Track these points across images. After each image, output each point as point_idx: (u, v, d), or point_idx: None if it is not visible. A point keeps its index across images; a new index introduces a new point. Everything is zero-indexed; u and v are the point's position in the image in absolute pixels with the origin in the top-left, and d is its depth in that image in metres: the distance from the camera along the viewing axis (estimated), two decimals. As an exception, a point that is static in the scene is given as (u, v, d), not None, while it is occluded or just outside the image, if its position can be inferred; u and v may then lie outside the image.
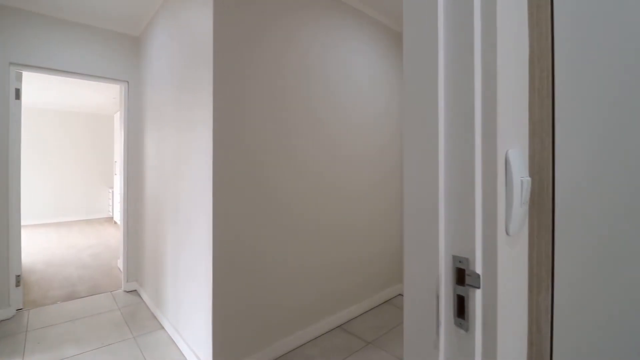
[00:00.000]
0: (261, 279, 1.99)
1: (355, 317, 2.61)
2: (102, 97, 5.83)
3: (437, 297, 0.45)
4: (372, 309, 2.77)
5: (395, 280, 3.06)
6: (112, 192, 6.96)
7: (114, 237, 5.48)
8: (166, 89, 2.44)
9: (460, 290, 0.44)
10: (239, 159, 1.88)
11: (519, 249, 0.51)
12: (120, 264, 3.47)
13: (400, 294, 3.08)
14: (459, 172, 0.44)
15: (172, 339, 2.26)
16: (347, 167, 2.57)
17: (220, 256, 1.80)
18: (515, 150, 0.47)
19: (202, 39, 1.86)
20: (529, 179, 0.49)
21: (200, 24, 1.88)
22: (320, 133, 2.35)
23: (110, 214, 7.37)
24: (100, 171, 7.47)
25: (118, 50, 3.09)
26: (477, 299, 0.42)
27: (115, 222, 6.78)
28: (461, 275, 0.44)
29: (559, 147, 0.52)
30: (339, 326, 2.46)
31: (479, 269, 0.42)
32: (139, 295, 3.02)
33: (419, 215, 0.48)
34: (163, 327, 2.42)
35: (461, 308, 0.44)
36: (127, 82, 3.14)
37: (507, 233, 0.46)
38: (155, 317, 2.59)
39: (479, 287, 0.42)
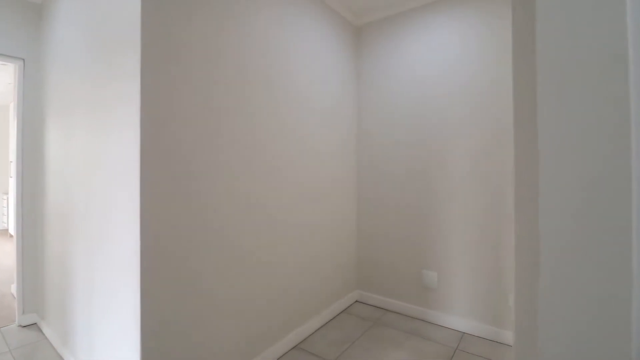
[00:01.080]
0: (203, 304, 1.64)
1: (314, 332, 2.37)
2: (-8, 81, 4.72)
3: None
4: (330, 320, 2.56)
5: (351, 286, 2.90)
6: (8, 198, 5.72)
7: (8, 255, 4.45)
8: (77, 69, 1.93)
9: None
10: (173, 158, 1.51)
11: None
12: (14, 290, 2.74)
13: (357, 301, 2.93)
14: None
15: (86, 386, 1.77)
16: (303, 168, 2.33)
17: (151, 279, 1.42)
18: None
19: (126, 3, 1.46)
20: None
21: (124, -16, 1.48)
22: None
23: (5, 225, 6.06)
24: (-9, 173, 6.10)
25: (10, 19, 2.42)
26: None
27: (11, 235, 5.56)
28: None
29: None
30: (296, 346, 2.20)
31: None
32: (40, 330, 2.38)
33: (574, 253, 0.26)
34: (73, 371, 1.90)
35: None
36: (23, 60, 2.48)
37: None
38: (61, 358, 2.04)
39: None
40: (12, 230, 5.48)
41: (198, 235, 1.61)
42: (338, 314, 2.67)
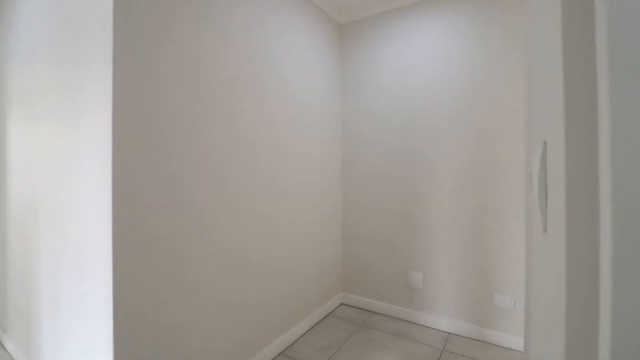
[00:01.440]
0: (184, 310, 1.55)
1: (300, 338, 2.31)
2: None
3: None
4: (316, 324, 2.51)
5: (336, 289, 2.85)
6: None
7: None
8: (42, 53, 1.77)
9: None
10: (150, 148, 1.41)
11: None
12: (-29, 301, 2.51)
13: (342, 303, 2.89)
14: None
15: (53, 406, 1.63)
16: (285, 170, 2.26)
17: (125, 280, 1.31)
18: None
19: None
20: None
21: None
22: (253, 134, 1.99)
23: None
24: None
25: (-34, 5, 2.21)
26: None
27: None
28: None
29: None
30: (282, 352, 2.13)
31: None
32: (2, 345, 2.19)
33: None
34: (39, 389, 1.75)
35: None
36: (-19, 50, 2.27)
37: None
38: (26, 375, 1.87)
39: None
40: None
41: (176, 234, 1.51)
42: (323, 318, 2.62)
